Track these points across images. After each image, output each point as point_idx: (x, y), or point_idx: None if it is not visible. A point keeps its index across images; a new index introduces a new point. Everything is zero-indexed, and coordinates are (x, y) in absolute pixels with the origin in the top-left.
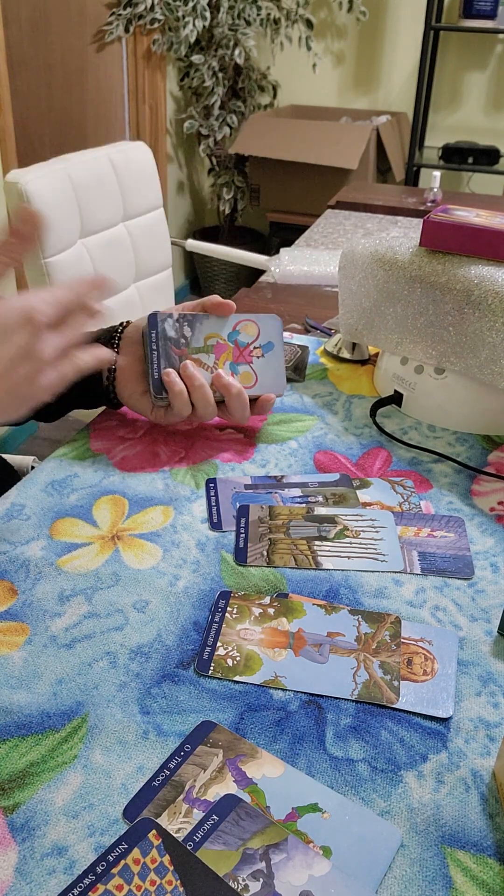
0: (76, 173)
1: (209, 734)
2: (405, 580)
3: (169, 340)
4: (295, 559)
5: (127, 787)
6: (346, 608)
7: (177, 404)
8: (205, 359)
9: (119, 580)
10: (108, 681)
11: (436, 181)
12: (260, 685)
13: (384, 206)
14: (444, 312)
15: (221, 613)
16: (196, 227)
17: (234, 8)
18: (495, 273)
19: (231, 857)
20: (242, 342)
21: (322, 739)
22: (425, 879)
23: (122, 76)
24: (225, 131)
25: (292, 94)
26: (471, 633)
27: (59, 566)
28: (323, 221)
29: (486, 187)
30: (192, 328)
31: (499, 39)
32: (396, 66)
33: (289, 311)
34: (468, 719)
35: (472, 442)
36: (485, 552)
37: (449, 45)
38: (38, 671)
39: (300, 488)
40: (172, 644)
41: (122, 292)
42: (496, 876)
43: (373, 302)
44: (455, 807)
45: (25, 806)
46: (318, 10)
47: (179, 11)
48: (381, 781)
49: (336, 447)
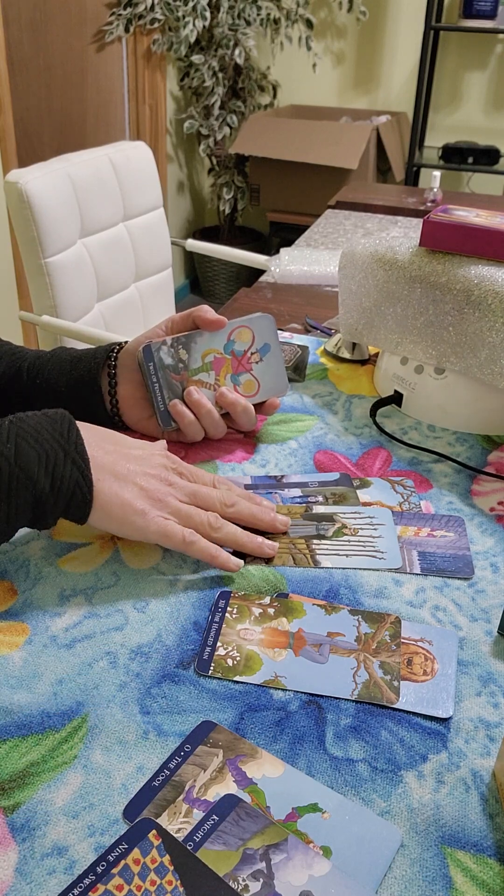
0: (76, 173)
1: (209, 734)
2: (405, 580)
3: (167, 368)
4: (293, 558)
5: (127, 787)
6: (346, 608)
7: (189, 433)
8: (205, 378)
9: (119, 580)
10: (108, 681)
11: (436, 181)
12: (260, 685)
13: (384, 206)
14: (444, 312)
15: (221, 613)
16: (196, 227)
17: (234, 8)
18: (495, 273)
19: (231, 857)
20: (239, 351)
21: (322, 739)
22: (425, 879)
23: (122, 76)
24: (225, 131)
25: (292, 94)
26: (471, 633)
27: (59, 566)
28: (323, 221)
29: (486, 187)
30: (187, 349)
31: (499, 39)
32: (396, 66)
33: (289, 311)
34: (468, 719)
35: (472, 442)
36: (485, 552)
37: (449, 45)
38: (38, 671)
39: (300, 488)
40: (172, 644)
41: (122, 292)
42: (496, 876)
43: (373, 302)
44: (455, 807)
45: (25, 806)
46: (318, 10)
47: (179, 11)
48: (381, 781)
49: (336, 447)
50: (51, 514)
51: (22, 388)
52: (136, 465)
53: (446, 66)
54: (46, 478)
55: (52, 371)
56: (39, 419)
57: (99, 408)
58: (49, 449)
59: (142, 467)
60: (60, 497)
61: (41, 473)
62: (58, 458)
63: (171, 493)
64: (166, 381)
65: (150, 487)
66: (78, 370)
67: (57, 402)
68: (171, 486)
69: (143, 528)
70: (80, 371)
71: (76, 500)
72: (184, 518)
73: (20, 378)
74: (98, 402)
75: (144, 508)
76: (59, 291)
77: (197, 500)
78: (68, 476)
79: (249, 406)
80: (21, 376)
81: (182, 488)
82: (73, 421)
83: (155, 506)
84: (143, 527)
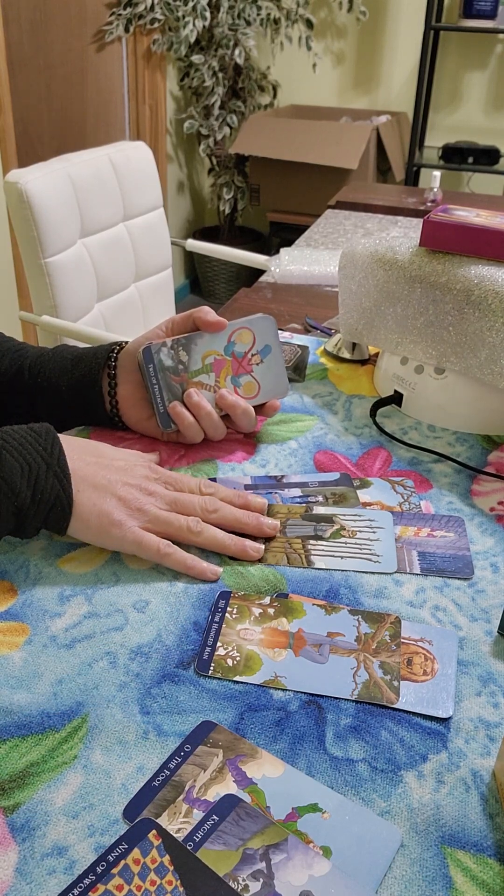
0: (76, 173)
1: (209, 734)
2: (405, 580)
3: (167, 370)
4: (288, 558)
5: (127, 787)
6: (345, 608)
7: (189, 434)
8: (206, 379)
9: (119, 580)
10: (108, 681)
11: (436, 181)
12: (260, 685)
13: (384, 206)
14: (444, 312)
15: (221, 613)
16: (196, 227)
17: (234, 8)
18: (495, 273)
19: (231, 857)
20: (240, 352)
21: (322, 739)
22: (425, 879)
23: (122, 76)
24: (225, 131)
25: (292, 94)
26: (471, 633)
27: (59, 566)
28: (323, 221)
29: (486, 187)
30: (187, 351)
31: (499, 39)
32: (396, 66)
33: (289, 311)
34: (468, 719)
35: (472, 442)
36: (485, 552)
37: (449, 45)
38: (38, 671)
39: (300, 488)
40: (172, 644)
41: (122, 292)
42: (496, 876)
43: (373, 302)
44: (455, 807)
45: (25, 806)
46: (318, 10)
47: (179, 11)
48: (381, 781)
49: (336, 447)
50: (31, 524)
51: (24, 387)
52: (117, 475)
53: (446, 66)
54: (28, 489)
55: (53, 370)
56: (24, 433)
57: (99, 408)
58: (32, 462)
59: (122, 477)
60: (41, 508)
61: (24, 485)
62: (40, 471)
63: (150, 501)
64: (166, 383)
65: (129, 497)
66: (79, 370)
67: (58, 401)
68: (150, 495)
69: (119, 538)
70: (80, 371)
71: (56, 512)
72: (163, 524)
73: (22, 376)
74: (98, 402)
75: (121, 519)
76: (59, 291)
77: (178, 508)
78: (49, 488)
79: (249, 408)
80: (23, 374)
81: (163, 497)
82: (56, 436)
83: (133, 515)
84: (119, 537)
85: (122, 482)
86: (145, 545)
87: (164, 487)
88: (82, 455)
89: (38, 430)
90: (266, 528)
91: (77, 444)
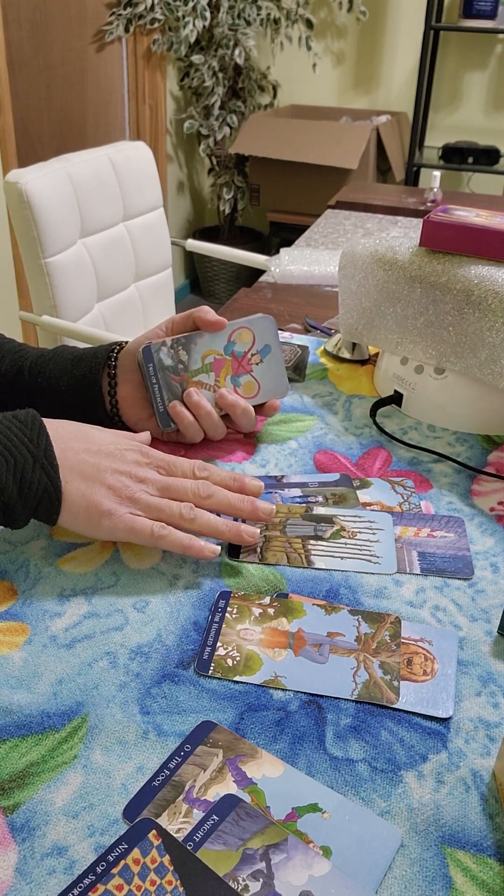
0: (76, 173)
1: (209, 734)
2: (405, 580)
3: (167, 370)
4: (287, 557)
5: (127, 787)
6: (345, 608)
7: (188, 434)
8: (205, 379)
9: (119, 580)
10: (108, 681)
11: (436, 181)
12: (260, 685)
13: (384, 206)
14: (444, 312)
15: (221, 613)
16: (196, 227)
17: (234, 8)
18: (495, 273)
19: (231, 857)
20: (239, 352)
21: (322, 739)
22: (425, 879)
23: (122, 76)
24: (225, 131)
25: (292, 94)
26: (471, 633)
27: (59, 566)
28: (323, 221)
29: (486, 187)
30: (187, 350)
31: (499, 39)
32: (396, 66)
33: (289, 311)
34: (468, 719)
35: (472, 442)
36: (485, 552)
37: (449, 45)
38: (38, 671)
39: (300, 488)
40: (172, 644)
41: (122, 292)
42: (496, 876)
43: (373, 302)
44: (455, 807)
45: (25, 806)
46: (318, 10)
47: (179, 11)
48: (381, 781)
49: (336, 447)
50: (20, 517)
51: (24, 387)
52: (107, 462)
53: (446, 66)
54: (15, 484)
55: (53, 370)
56: (9, 422)
57: (99, 408)
58: (18, 455)
59: (112, 464)
60: (29, 502)
61: (10, 479)
62: (27, 464)
63: (141, 488)
64: (166, 383)
65: (119, 485)
66: (79, 370)
67: (58, 401)
68: (141, 481)
69: (110, 528)
70: (80, 371)
71: (44, 505)
72: (154, 511)
73: (22, 376)
74: (98, 402)
75: (111, 509)
76: (59, 291)
77: (170, 494)
78: (37, 482)
79: (249, 408)
80: (23, 375)
81: (154, 482)
82: (42, 423)
83: (123, 504)
84: (110, 527)
85: (111, 469)
86: (137, 530)
87: (156, 472)
88: (70, 442)
89: (24, 418)
90: (261, 512)
91: (64, 429)
